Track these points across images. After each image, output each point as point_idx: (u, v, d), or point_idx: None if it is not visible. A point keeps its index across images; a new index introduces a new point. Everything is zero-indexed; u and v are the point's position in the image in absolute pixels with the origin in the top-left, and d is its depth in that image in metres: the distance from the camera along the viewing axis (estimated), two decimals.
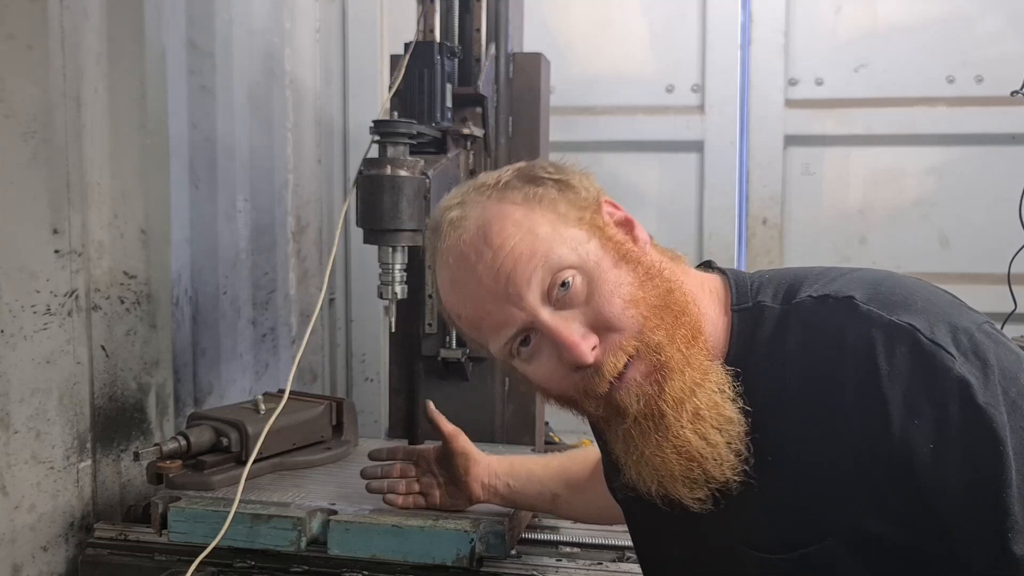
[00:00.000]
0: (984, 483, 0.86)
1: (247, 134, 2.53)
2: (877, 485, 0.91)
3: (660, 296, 0.98)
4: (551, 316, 0.97)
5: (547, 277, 0.97)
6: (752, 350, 1.01)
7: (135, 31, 1.95)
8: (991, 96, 2.82)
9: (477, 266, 0.99)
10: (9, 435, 1.69)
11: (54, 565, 1.78)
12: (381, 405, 2.99)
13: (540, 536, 1.72)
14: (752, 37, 2.98)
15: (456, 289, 1.03)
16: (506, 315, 0.98)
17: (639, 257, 1.01)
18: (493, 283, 0.98)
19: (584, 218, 1.01)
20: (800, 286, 1.01)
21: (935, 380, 0.88)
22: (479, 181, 1.07)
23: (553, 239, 0.98)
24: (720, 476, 0.97)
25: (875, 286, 0.96)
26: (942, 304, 0.95)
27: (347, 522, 1.59)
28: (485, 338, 1.03)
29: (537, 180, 1.03)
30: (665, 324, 0.97)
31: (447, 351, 2.14)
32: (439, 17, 2.04)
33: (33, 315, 1.72)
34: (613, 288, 0.97)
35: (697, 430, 0.95)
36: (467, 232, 1.00)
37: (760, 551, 0.99)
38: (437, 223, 1.06)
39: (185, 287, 2.26)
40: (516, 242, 0.98)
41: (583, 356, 0.96)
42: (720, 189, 3.01)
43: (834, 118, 2.96)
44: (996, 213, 2.73)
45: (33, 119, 1.71)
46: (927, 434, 0.88)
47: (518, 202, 1.01)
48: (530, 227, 0.99)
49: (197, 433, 1.78)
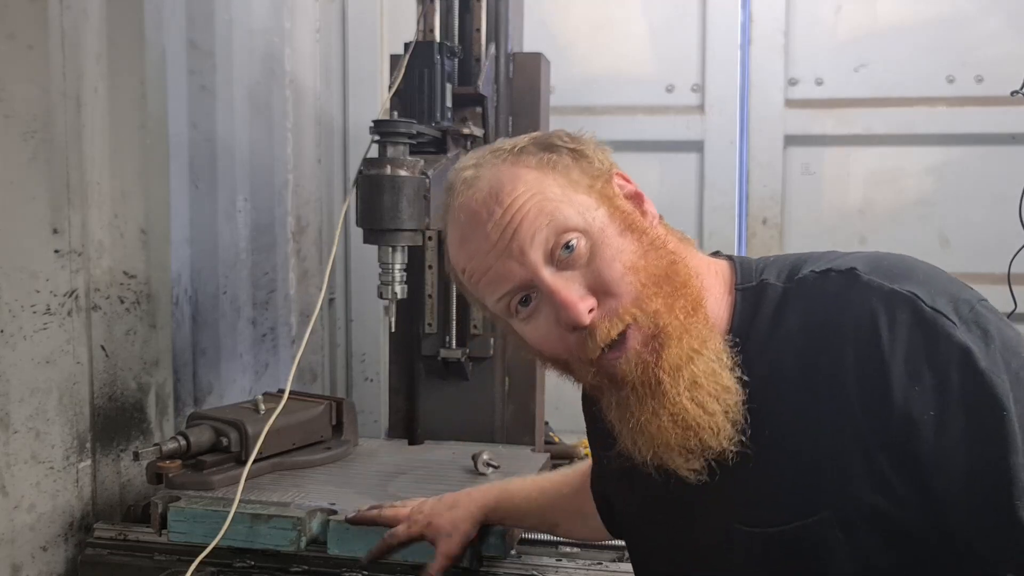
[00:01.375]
0: (988, 449, 0.86)
1: (247, 134, 2.53)
2: (875, 456, 0.91)
3: (662, 267, 0.99)
4: (552, 275, 0.99)
5: (552, 237, 0.99)
6: (754, 325, 1.02)
7: (135, 31, 1.95)
8: (991, 96, 2.82)
9: (487, 223, 1.01)
10: (9, 435, 1.69)
11: (54, 565, 1.78)
12: (381, 405, 2.99)
13: (540, 536, 1.72)
14: (752, 37, 2.98)
15: (464, 244, 1.04)
16: (508, 270, 1.00)
17: (645, 229, 1.03)
18: (499, 238, 1.00)
19: (595, 187, 1.03)
20: (803, 265, 1.03)
21: (936, 346, 0.89)
22: (495, 146, 1.09)
23: (562, 201, 1.00)
24: (716, 445, 0.97)
25: (877, 260, 0.98)
26: (943, 278, 0.96)
27: (347, 522, 1.59)
28: (484, 293, 1.05)
29: (552, 147, 1.05)
30: (663, 293, 0.98)
31: (447, 351, 2.14)
32: (439, 17, 2.04)
33: (33, 315, 1.72)
34: (615, 254, 0.99)
35: (694, 398, 0.96)
36: (479, 191, 1.03)
37: (752, 526, 0.99)
38: (451, 182, 1.08)
39: (185, 287, 2.26)
40: (525, 201, 1.00)
41: (579, 316, 0.97)
42: (720, 189, 3.01)
43: (834, 118, 2.96)
44: (996, 213, 2.73)
45: (33, 119, 1.71)
46: (928, 401, 0.88)
47: (531, 166, 1.03)
48: (540, 189, 1.01)
49: (197, 433, 1.78)
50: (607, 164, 1.07)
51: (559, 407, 2.60)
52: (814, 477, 0.95)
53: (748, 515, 1.00)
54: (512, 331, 1.08)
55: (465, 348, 2.15)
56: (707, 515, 1.04)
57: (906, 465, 0.90)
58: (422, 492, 1.75)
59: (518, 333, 1.06)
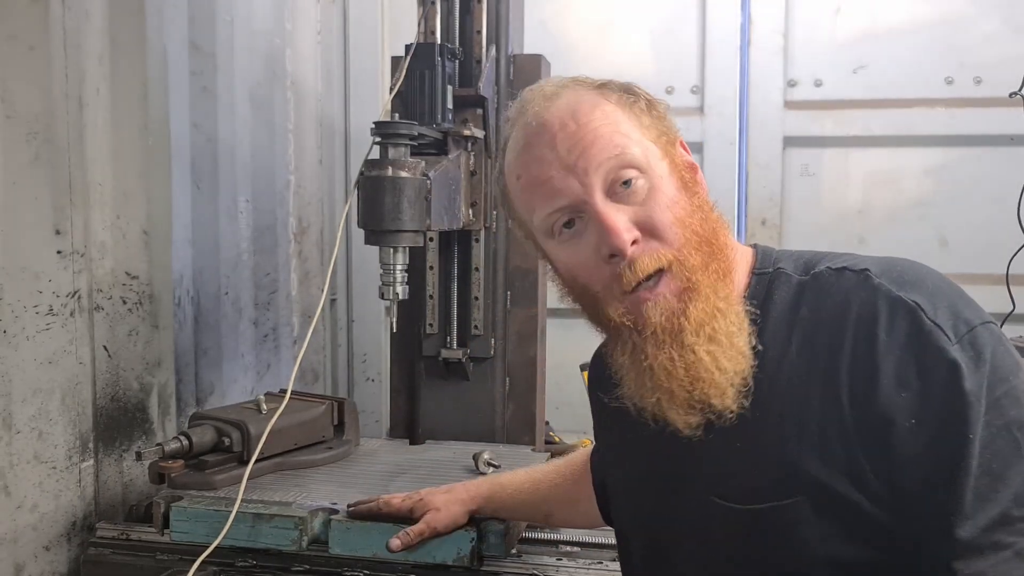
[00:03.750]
0: (946, 465, 0.90)
1: (249, 135, 2.54)
2: (855, 450, 0.94)
3: (707, 230, 1.03)
4: (604, 202, 1.02)
5: (616, 168, 1.02)
6: (766, 311, 1.04)
7: (137, 32, 1.96)
8: (990, 97, 2.83)
9: (559, 134, 1.03)
10: (11, 435, 1.70)
11: (56, 565, 1.79)
12: (382, 405, 2.99)
13: (540, 535, 1.72)
14: (751, 39, 2.98)
15: (527, 150, 1.07)
16: (566, 185, 1.03)
17: (697, 192, 1.07)
18: (567, 153, 1.03)
19: (661, 140, 1.07)
20: (820, 261, 1.06)
21: (927, 358, 0.92)
22: (578, 76, 1.13)
23: (633, 139, 1.04)
24: (719, 404, 1.00)
25: (891, 265, 1.01)
26: (951, 294, 0.98)
27: (348, 521, 1.60)
28: (535, 204, 1.06)
29: (632, 91, 1.09)
30: (703, 253, 1.02)
31: (448, 351, 2.15)
32: (440, 19, 2.05)
33: (36, 315, 1.73)
34: (669, 203, 1.02)
35: (710, 351, 0.99)
36: (558, 106, 1.06)
37: (729, 501, 1.02)
38: (527, 97, 1.11)
39: (187, 287, 2.27)
40: (600, 125, 1.03)
41: (623, 244, 1.00)
42: (719, 190, 3.01)
43: (833, 119, 2.97)
44: (995, 214, 2.74)
45: (35, 120, 1.72)
46: (910, 408, 0.92)
47: (612, 100, 1.07)
48: (617, 120, 1.05)
49: (199, 433, 1.78)
50: (674, 128, 1.11)
51: (559, 407, 2.60)
52: (796, 462, 0.97)
53: (727, 490, 1.02)
54: (545, 255, 1.11)
55: (466, 348, 2.15)
56: (688, 488, 1.07)
57: (881, 464, 0.93)
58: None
59: (551, 257, 1.10)
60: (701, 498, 1.05)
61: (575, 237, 1.05)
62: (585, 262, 1.04)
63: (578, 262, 1.05)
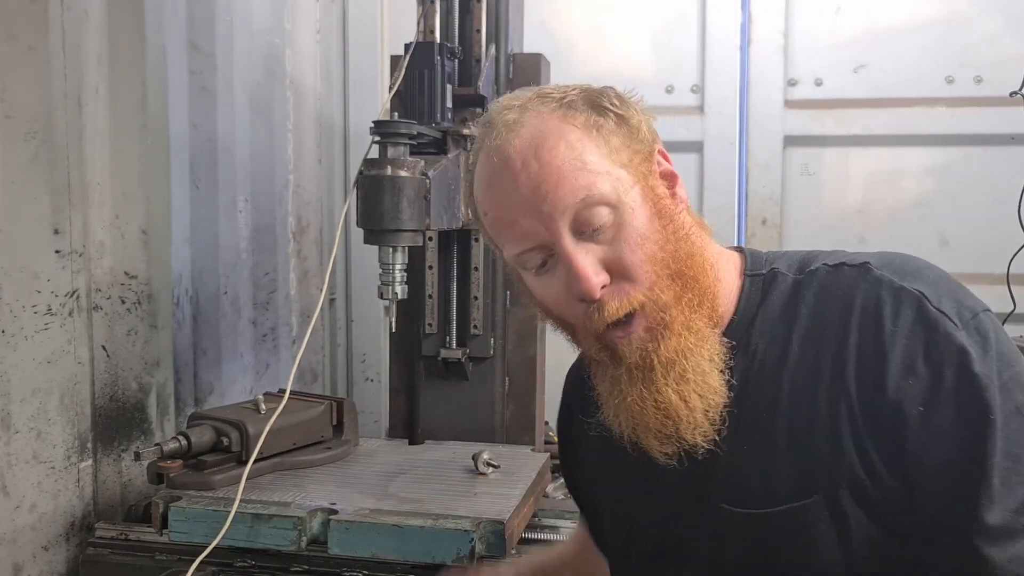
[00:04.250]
0: (969, 449, 0.90)
1: (248, 134, 2.54)
2: (865, 442, 0.94)
3: (680, 259, 1.01)
4: (573, 245, 0.99)
5: (583, 210, 0.98)
6: (764, 308, 1.04)
7: (136, 32, 1.95)
8: (990, 96, 2.82)
9: (520, 175, 1.00)
10: (10, 435, 1.70)
11: (55, 565, 1.79)
12: (381, 405, 2.99)
13: (540, 536, 1.72)
14: (751, 38, 2.98)
15: (492, 188, 1.04)
16: (532, 229, 1.00)
17: (674, 215, 1.03)
18: (531, 196, 0.99)
19: (634, 161, 1.02)
20: (815, 259, 1.06)
21: (935, 344, 0.92)
22: (544, 91, 1.07)
23: (600, 173, 0.99)
24: (691, 439, 1.00)
25: (890, 258, 1.02)
26: (951, 283, 0.99)
27: (347, 522, 1.60)
28: (503, 241, 1.05)
29: (600, 108, 1.03)
30: (675, 287, 1.00)
31: (447, 351, 2.15)
32: (439, 18, 2.04)
33: (34, 315, 1.73)
34: (640, 240, 0.99)
35: (679, 391, 0.99)
36: (520, 138, 1.01)
37: (742, 507, 1.01)
38: (491, 119, 1.05)
39: (186, 287, 2.27)
40: (564, 164, 0.99)
41: (591, 290, 0.98)
42: (720, 189, 3.01)
43: (833, 118, 2.97)
44: (995, 213, 2.73)
45: (34, 120, 1.71)
46: (919, 395, 0.91)
47: (577, 125, 1.01)
48: (581, 152, 0.99)
49: (198, 433, 1.78)
50: (650, 137, 1.06)
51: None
52: (809, 461, 0.96)
53: (738, 496, 1.01)
54: (520, 280, 1.09)
55: (465, 348, 2.15)
56: (694, 500, 1.05)
57: (892, 455, 0.93)
58: (422, 492, 1.75)
59: (526, 284, 1.08)
60: (710, 507, 1.03)
61: (547, 273, 1.03)
62: (557, 298, 1.03)
63: (551, 296, 1.04)
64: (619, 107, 1.05)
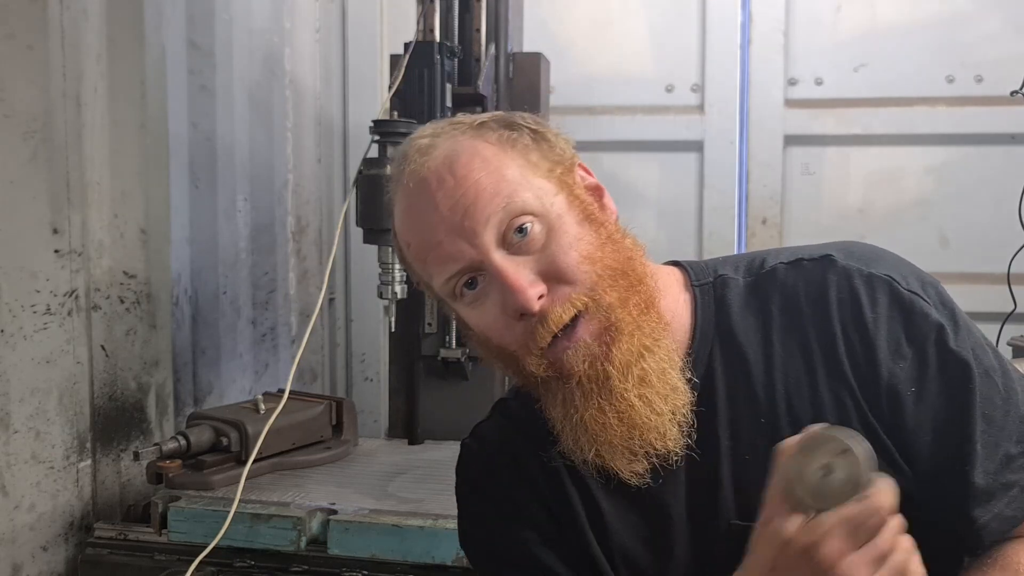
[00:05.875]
0: (957, 421, 0.93)
1: (247, 134, 2.54)
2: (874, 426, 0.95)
3: (619, 261, 0.96)
4: (502, 259, 0.93)
5: (506, 219, 0.93)
6: (723, 317, 1.01)
7: (135, 31, 1.95)
8: (991, 96, 2.82)
9: (437, 193, 0.95)
10: (9, 435, 1.69)
11: (54, 565, 1.79)
12: (381, 405, 2.98)
13: None
14: (752, 37, 2.97)
15: (411, 215, 0.99)
16: (457, 249, 0.94)
17: (604, 222, 0.99)
18: (450, 213, 0.94)
19: (554, 172, 0.99)
20: (763, 260, 1.04)
21: (914, 324, 0.95)
22: (456, 119, 1.04)
23: (519, 183, 0.95)
24: (661, 447, 0.95)
25: (847, 246, 1.01)
26: (908, 264, 1.01)
27: (347, 522, 1.60)
28: (431, 271, 0.99)
29: (514, 126, 1.00)
30: (619, 287, 0.95)
31: (447, 351, 2.15)
32: (439, 17, 2.04)
33: (33, 315, 1.73)
34: (572, 242, 0.94)
35: (642, 396, 0.93)
36: (433, 160, 0.97)
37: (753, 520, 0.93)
38: (404, 150, 1.01)
39: (185, 287, 2.27)
40: (481, 177, 0.95)
41: (528, 302, 0.92)
42: (720, 189, 3.01)
43: (834, 118, 2.96)
44: (996, 213, 2.73)
45: (33, 119, 1.71)
46: (909, 376, 0.94)
47: (491, 141, 0.98)
48: (498, 166, 0.96)
49: (197, 433, 1.78)
50: (569, 152, 1.02)
51: None
52: None
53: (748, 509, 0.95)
54: (458, 316, 1.02)
55: (465, 348, 2.15)
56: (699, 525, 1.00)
57: (897, 435, 0.95)
58: (422, 492, 1.75)
59: (461, 316, 1.01)
60: (720, 527, 0.99)
61: (479, 298, 0.96)
62: (495, 323, 0.96)
63: (487, 324, 0.97)
64: (533, 124, 1.01)
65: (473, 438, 1.14)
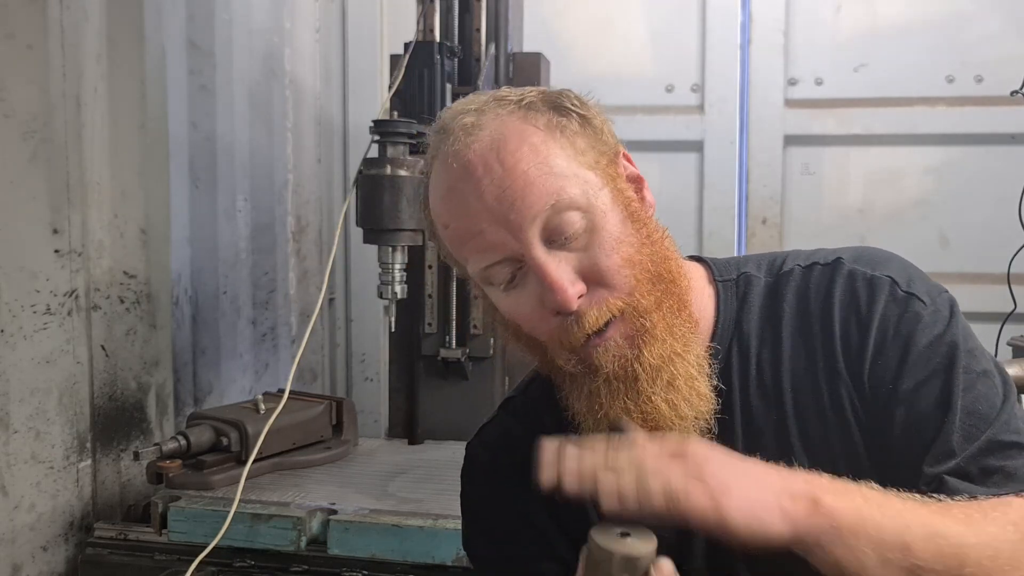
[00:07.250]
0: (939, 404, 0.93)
1: (247, 133, 2.54)
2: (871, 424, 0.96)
3: (657, 263, 0.96)
4: (545, 254, 0.92)
5: (553, 216, 0.92)
6: (746, 315, 1.03)
7: (135, 31, 1.95)
8: (991, 96, 2.82)
9: (483, 180, 0.92)
10: (9, 435, 1.69)
11: (54, 565, 1.79)
12: (381, 405, 2.98)
13: None
14: (752, 37, 2.97)
15: (451, 198, 0.96)
16: (499, 240, 0.93)
17: (645, 219, 0.99)
18: (496, 204, 0.92)
19: (600, 163, 0.97)
20: (784, 261, 1.06)
21: (905, 319, 0.96)
22: (500, 93, 0.99)
23: (567, 177, 0.93)
24: None
25: (859, 251, 1.04)
26: (917, 271, 1.03)
27: (347, 522, 1.60)
28: (467, 255, 0.97)
29: (562, 109, 0.97)
30: (656, 291, 0.95)
31: (447, 351, 2.15)
32: (439, 17, 2.04)
33: (33, 315, 1.72)
34: (615, 244, 0.94)
35: (668, 400, 0.94)
36: (479, 142, 0.94)
37: None
38: (445, 124, 0.98)
39: (185, 287, 2.27)
40: (530, 168, 0.92)
41: (568, 301, 0.92)
42: (720, 189, 3.01)
43: (834, 118, 2.96)
44: (996, 213, 2.73)
45: (33, 119, 1.71)
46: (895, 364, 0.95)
47: (540, 126, 0.95)
48: (547, 157, 0.93)
49: (197, 433, 1.78)
50: (613, 139, 1.01)
51: None
52: (824, 453, 0.96)
53: None
54: (486, 297, 1.02)
55: (465, 348, 2.15)
56: None
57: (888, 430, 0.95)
58: (422, 492, 1.75)
59: (492, 300, 1.00)
60: None
61: (516, 287, 0.95)
62: (529, 313, 0.95)
63: (521, 313, 0.96)
64: (580, 107, 0.99)
65: (478, 440, 1.14)
